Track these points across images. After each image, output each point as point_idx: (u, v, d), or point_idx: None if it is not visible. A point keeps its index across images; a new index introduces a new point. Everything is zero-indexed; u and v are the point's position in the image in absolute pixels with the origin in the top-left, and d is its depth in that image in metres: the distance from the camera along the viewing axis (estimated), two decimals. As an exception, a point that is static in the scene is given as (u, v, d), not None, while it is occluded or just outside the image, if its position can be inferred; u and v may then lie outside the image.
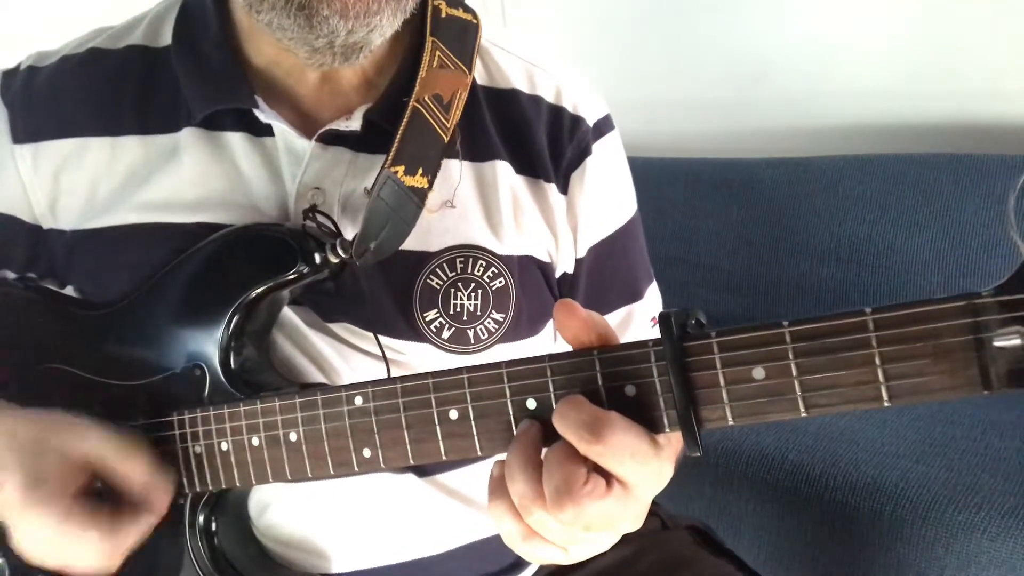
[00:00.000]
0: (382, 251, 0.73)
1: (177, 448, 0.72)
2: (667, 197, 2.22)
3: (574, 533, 0.53)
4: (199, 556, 0.73)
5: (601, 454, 0.51)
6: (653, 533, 0.95)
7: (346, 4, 0.68)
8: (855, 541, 1.41)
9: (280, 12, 0.69)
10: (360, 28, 0.70)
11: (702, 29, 2.33)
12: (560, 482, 0.51)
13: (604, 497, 0.52)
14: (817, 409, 0.48)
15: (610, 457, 0.51)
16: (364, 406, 0.62)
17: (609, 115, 0.87)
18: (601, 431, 0.51)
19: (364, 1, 0.68)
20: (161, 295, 0.76)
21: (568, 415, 0.52)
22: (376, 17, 0.70)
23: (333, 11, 0.68)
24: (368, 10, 0.69)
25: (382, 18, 0.70)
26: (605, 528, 0.53)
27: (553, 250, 0.83)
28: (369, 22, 0.70)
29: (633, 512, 0.54)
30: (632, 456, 0.51)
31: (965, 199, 1.82)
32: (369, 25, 0.70)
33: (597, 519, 0.52)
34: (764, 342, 0.49)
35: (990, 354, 0.43)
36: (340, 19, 0.68)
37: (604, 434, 0.51)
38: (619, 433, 0.51)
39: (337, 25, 0.69)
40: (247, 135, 0.77)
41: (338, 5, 0.68)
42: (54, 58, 0.83)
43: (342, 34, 0.69)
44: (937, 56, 2.00)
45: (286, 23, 0.69)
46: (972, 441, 1.53)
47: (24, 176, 0.80)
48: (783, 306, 2.02)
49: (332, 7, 0.68)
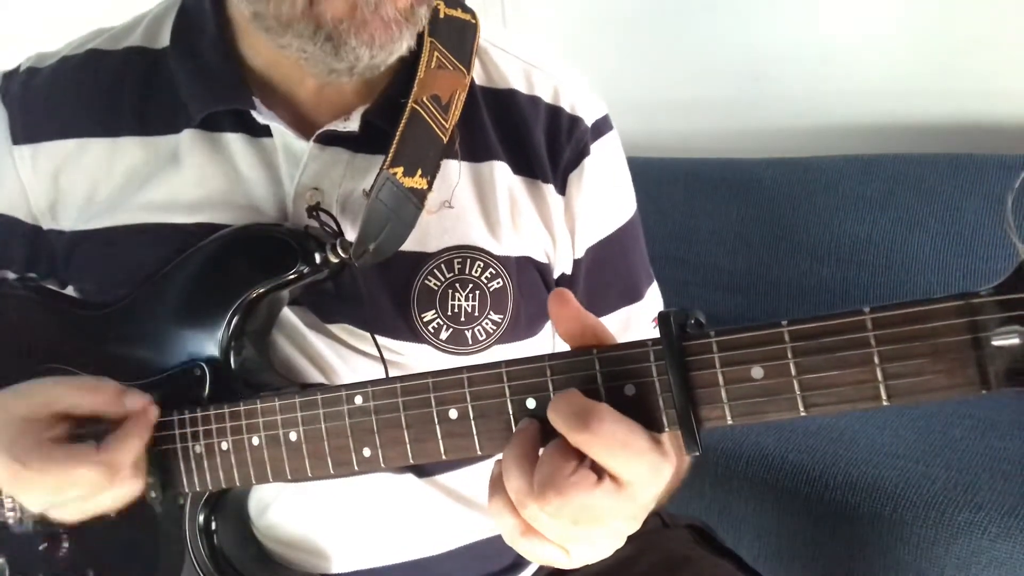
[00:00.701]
0: (381, 252, 0.74)
1: (177, 447, 0.72)
2: (667, 197, 2.22)
3: (563, 526, 0.53)
4: (199, 556, 0.73)
5: (590, 443, 0.51)
6: (653, 533, 0.95)
7: (373, 36, 0.69)
8: (855, 541, 1.41)
9: (305, 40, 0.70)
10: (382, 54, 0.71)
11: (702, 29, 2.33)
12: (547, 473, 0.51)
13: (591, 489, 0.51)
14: (816, 408, 0.48)
15: (600, 448, 0.51)
16: (364, 405, 0.62)
17: (608, 115, 0.87)
18: (589, 419, 0.51)
19: (389, 31, 0.69)
20: (161, 295, 0.76)
21: (559, 406, 0.52)
22: (399, 43, 0.71)
23: (361, 42, 0.69)
24: (392, 37, 0.70)
25: (403, 42, 0.72)
26: (593, 522, 0.53)
27: (551, 251, 0.83)
28: (392, 48, 0.71)
29: (629, 511, 0.54)
30: (624, 448, 0.51)
31: (965, 199, 1.82)
32: (392, 51, 0.71)
33: (584, 512, 0.52)
34: (763, 342, 0.49)
35: (989, 353, 0.43)
36: (366, 48, 0.69)
37: (592, 422, 0.51)
38: (608, 423, 0.51)
39: (363, 54, 0.70)
40: (245, 136, 0.77)
41: (366, 36, 0.69)
42: (53, 59, 0.83)
43: (365, 60, 0.70)
44: (936, 56, 2.00)
45: (309, 48, 0.70)
46: (972, 441, 1.53)
47: (23, 177, 0.80)
48: (783, 306, 2.02)
49: (360, 38, 0.69)
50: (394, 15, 0.69)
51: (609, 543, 0.57)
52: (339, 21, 0.68)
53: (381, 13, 0.68)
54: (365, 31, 0.68)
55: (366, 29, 0.68)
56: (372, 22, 0.68)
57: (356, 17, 0.68)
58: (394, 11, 0.69)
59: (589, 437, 0.51)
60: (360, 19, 0.68)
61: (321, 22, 0.68)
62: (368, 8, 0.68)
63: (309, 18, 0.68)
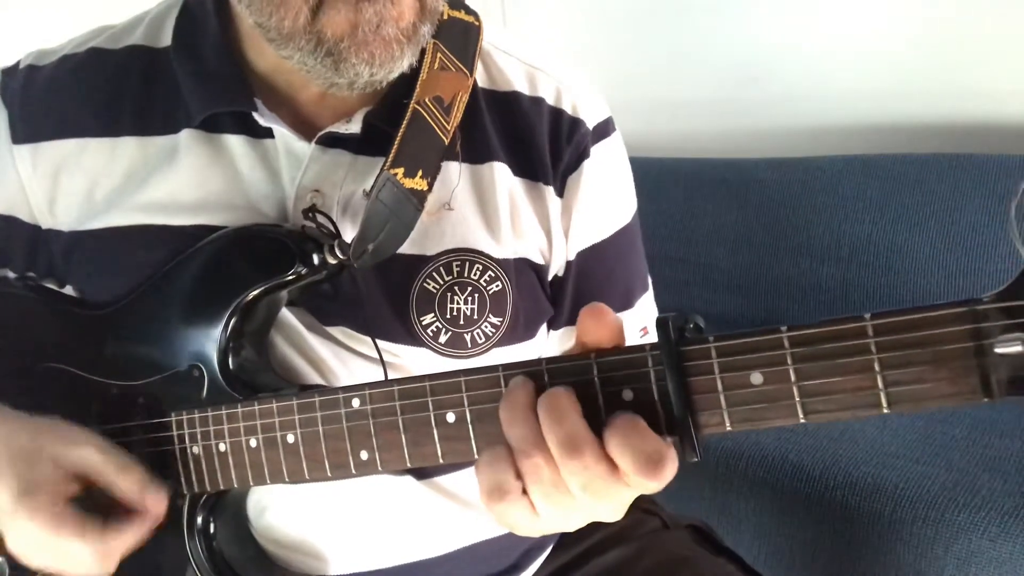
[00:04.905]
0: (380, 253, 0.73)
1: (175, 449, 0.72)
2: (667, 197, 2.22)
3: (561, 489, 0.53)
4: (197, 557, 0.73)
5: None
6: (653, 533, 0.95)
7: (373, 54, 0.69)
8: (855, 541, 1.41)
9: (306, 54, 0.70)
10: (382, 72, 0.71)
11: (702, 29, 2.32)
12: (572, 431, 0.51)
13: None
14: (816, 415, 0.48)
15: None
16: (362, 408, 0.62)
17: (610, 118, 0.86)
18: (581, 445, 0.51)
19: (390, 50, 0.69)
20: (160, 295, 0.76)
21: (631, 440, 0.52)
22: (399, 61, 0.71)
23: (361, 60, 0.69)
24: (392, 56, 0.70)
25: (404, 60, 0.71)
26: (598, 496, 0.53)
27: (546, 251, 0.82)
28: (392, 66, 0.71)
29: (627, 500, 0.55)
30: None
31: (965, 199, 1.82)
32: (392, 69, 0.71)
33: (599, 483, 0.52)
34: (762, 347, 0.49)
35: (991, 361, 0.43)
36: (367, 66, 0.69)
37: (583, 452, 0.51)
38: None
39: (363, 71, 0.70)
40: (246, 137, 0.77)
41: (366, 55, 0.69)
42: (54, 57, 0.83)
43: (365, 76, 0.70)
44: (937, 56, 1.99)
45: (310, 62, 0.70)
46: (972, 441, 1.53)
47: (23, 176, 0.80)
48: (782, 306, 2.02)
49: (360, 56, 0.69)
50: (395, 34, 0.69)
51: (582, 521, 0.57)
52: (340, 39, 0.68)
53: (382, 32, 0.68)
54: (365, 49, 0.68)
55: (367, 48, 0.68)
56: (373, 41, 0.68)
57: (357, 36, 0.68)
58: (395, 30, 0.69)
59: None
60: (361, 38, 0.68)
61: (322, 39, 0.68)
62: (369, 27, 0.68)
63: (310, 34, 0.68)
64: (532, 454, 0.52)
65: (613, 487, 0.52)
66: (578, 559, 0.94)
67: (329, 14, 0.67)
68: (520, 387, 0.54)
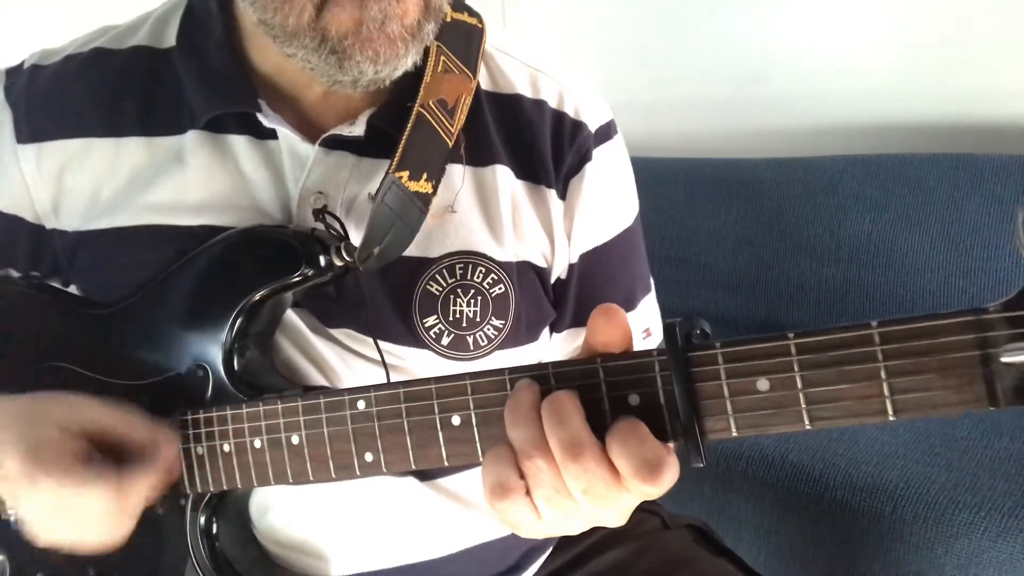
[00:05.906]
0: (385, 256, 0.73)
1: (179, 448, 0.72)
2: (667, 197, 2.22)
3: (562, 493, 0.53)
4: (199, 557, 0.73)
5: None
6: (653, 533, 0.95)
7: (378, 52, 0.69)
8: (855, 541, 1.41)
9: (310, 52, 0.70)
10: (386, 69, 0.71)
11: (702, 29, 2.32)
12: (574, 435, 0.52)
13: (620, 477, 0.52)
14: (821, 422, 0.48)
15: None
16: (367, 410, 0.62)
17: (612, 121, 0.87)
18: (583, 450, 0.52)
19: (394, 47, 0.69)
20: (165, 296, 0.76)
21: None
22: (403, 59, 0.71)
23: (365, 57, 0.69)
24: (397, 53, 0.70)
25: (408, 58, 0.71)
26: (599, 500, 0.53)
27: (548, 254, 0.82)
28: (396, 64, 0.71)
29: (631, 506, 0.55)
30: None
31: (965, 199, 1.82)
32: (396, 66, 0.71)
33: (600, 487, 0.52)
34: (769, 354, 0.49)
35: (997, 370, 0.43)
36: (371, 64, 0.69)
37: (584, 455, 0.51)
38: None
39: (367, 69, 0.70)
40: (251, 138, 0.77)
41: (370, 52, 0.69)
42: (58, 57, 0.83)
43: (369, 74, 0.71)
44: (937, 56, 2.00)
45: (314, 60, 0.70)
46: (972, 441, 1.53)
47: (27, 176, 0.80)
48: (783, 306, 2.02)
49: (364, 54, 0.69)
50: (400, 32, 0.69)
51: (584, 525, 0.57)
52: (344, 36, 0.68)
53: (387, 30, 0.68)
54: (370, 47, 0.68)
55: (371, 45, 0.68)
56: (377, 39, 0.68)
57: (361, 33, 0.68)
58: (400, 28, 0.69)
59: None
60: (365, 35, 0.68)
61: (326, 36, 0.68)
62: (374, 24, 0.68)
63: (314, 31, 0.68)
64: (534, 456, 0.53)
65: (614, 492, 0.52)
66: (578, 559, 0.94)
67: (333, 11, 0.67)
68: (525, 389, 0.55)
